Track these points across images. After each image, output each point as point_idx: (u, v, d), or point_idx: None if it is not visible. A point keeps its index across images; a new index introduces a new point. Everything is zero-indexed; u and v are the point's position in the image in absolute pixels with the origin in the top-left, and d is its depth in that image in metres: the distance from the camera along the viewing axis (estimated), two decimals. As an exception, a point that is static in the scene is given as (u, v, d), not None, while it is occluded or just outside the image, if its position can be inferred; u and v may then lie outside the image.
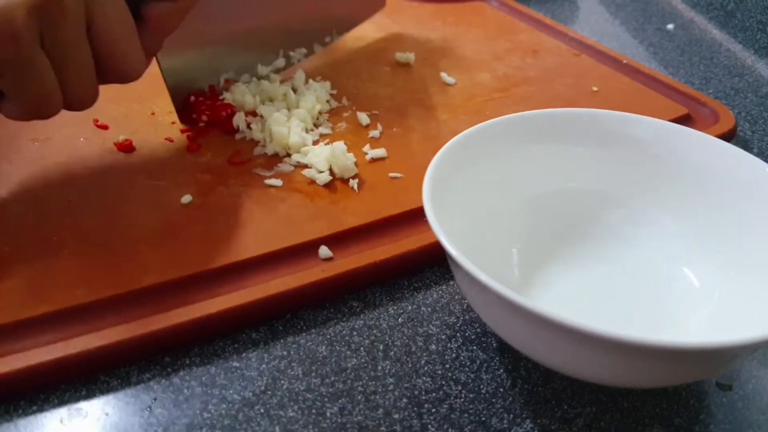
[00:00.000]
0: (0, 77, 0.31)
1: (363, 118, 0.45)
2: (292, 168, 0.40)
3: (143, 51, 0.36)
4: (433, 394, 0.28)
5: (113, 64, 0.34)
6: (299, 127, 0.42)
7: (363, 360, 0.30)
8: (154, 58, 0.40)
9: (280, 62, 0.50)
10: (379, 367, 0.29)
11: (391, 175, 0.40)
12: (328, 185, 0.39)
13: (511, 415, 0.27)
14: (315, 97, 0.46)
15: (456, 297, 0.33)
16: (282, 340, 0.31)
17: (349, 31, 0.57)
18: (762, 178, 0.30)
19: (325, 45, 0.54)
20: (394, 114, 0.47)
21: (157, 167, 0.40)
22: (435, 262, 0.35)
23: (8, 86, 0.32)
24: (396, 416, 0.27)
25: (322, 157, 0.40)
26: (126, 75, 0.35)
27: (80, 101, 0.35)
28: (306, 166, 0.40)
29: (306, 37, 0.52)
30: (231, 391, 0.28)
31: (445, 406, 0.28)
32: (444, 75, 0.52)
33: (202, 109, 0.44)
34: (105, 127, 0.44)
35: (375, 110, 0.47)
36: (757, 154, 0.37)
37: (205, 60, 0.46)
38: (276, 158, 0.41)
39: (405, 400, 0.28)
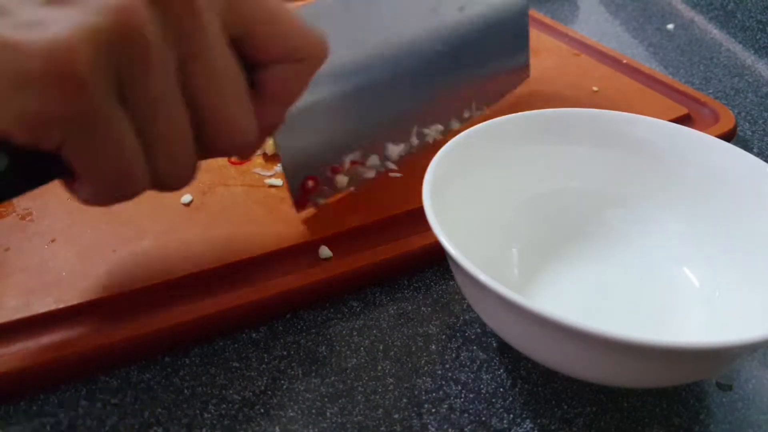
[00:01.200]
0: (63, 144, 0.22)
1: None
2: None
3: (257, 123, 0.27)
4: (433, 394, 0.28)
5: (218, 131, 0.25)
6: None
7: (363, 360, 0.30)
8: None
9: (413, 141, 0.42)
10: (379, 367, 0.29)
11: (391, 174, 0.40)
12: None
13: (511, 415, 0.27)
14: None
15: (456, 297, 0.33)
16: (282, 340, 0.31)
17: (491, 105, 0.49)
18: (762, 179, 0.30)
19: (463, 121, 0.46)
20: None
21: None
22: (435, 262, 0.35)
23: (75, 156, 0.23)
24: (396, 416, 0.27)
25: None
26: (234, 146, 0.27)
27: (173, 176, 0.26)
28: None
29: (444, 113, 0.45)
30: (231, 391, 0.28)
31: (445, 406, 0.28)
32: None
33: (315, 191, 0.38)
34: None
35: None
36: (757, 154, 0.37)
37: (328, 138, 0.38)
38: (276, 158, 0.41)
39: (405, 400, 0.28)
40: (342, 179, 0.38)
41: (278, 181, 0.39)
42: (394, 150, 0.41)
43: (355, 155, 0.39)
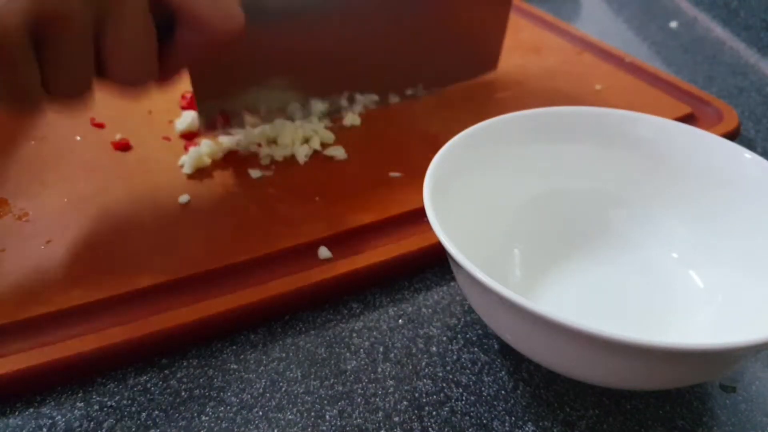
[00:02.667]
0: None
1: (353, 119, 0.45)
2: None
3: (157, 66, 0.33)
4: (434, 397, 0.28)
5: (121, 70, 0.31)
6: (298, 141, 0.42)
7: (363, 362, 0.29)
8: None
9: (342, 103, 0.42)
10: (379, 370, 0.29)
11: (391, 174, 0.39)
12: (326, 183, 0.38)
13: (513, 418, 0.27)
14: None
15: (457, 298, 0.33)
16: (281, 342, 0.30)
17: (441, 89, 0.47)
18: (766, 178, 0.30)
19: (405, 98, 0.45)
20: (394, 113, 0.46)
21: (154, 166, 0.40)
22: (436, 263, 0.35)
23: None
24: (396, 419, 0.27)
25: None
26: (135, 82, 0.33)
27: (72, 100, 0.32)
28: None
29: (383, 84, 0.43)
30: (229, 394, 0.28)
31: (446, 408, 0.27)
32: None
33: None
34: (101, 126, 0.44)
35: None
36: (761, 154, 0.36)
37: (245, 73, 0.40)
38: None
39: (405, 402, 0.27)
40: (253, 120, 0.40)
41: (270, 172, 0.39)
42: (318, 106, 0.41)
43: (276, 104, 0.41)
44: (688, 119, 0.46)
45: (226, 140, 0.42)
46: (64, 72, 0.30)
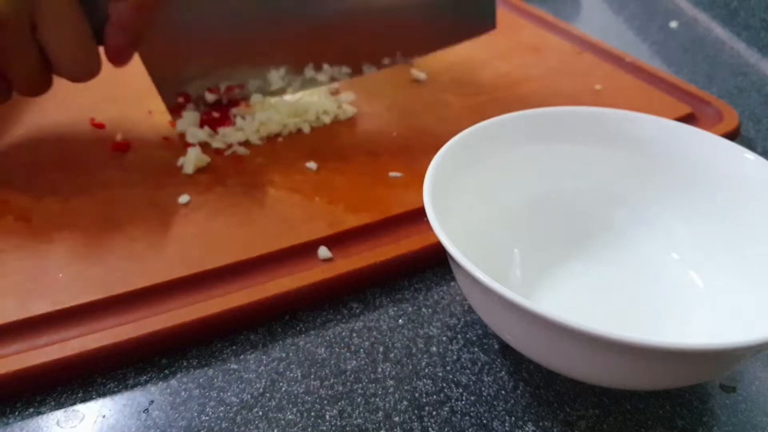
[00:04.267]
0: None
1: (349, 109, 0.45)
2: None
3: (96, 50, 0.36)
4: (434, 397, 0.28)
5: (60, 64, 0.35)
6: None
7: (363, 362, 0.29)
8: (139, 56, 0.39)
9: (308, 74, 0.39)
10: (379, 369, 0.29)
11: (391, 174, 0.39)
12: (326, 183, 0.38)
13: (513, 418, 0.27)
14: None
15: (457, 298, 0.33)
16: (280, 342, 0.30)
17: (421, 56, 0.42)
18: (767, 179, 0.30)
19: (381, 67, 0.40)
20: (393, 113, 0.46)
21: (154, 166, 0.40)
22: (436, 263, 0.35)
23: None
24: (396, 419, 0.27)
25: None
26: (76, 74, 0.36)
27: (29, 91, 0.37)
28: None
29: (354, 52, 0.38)
30: (229, 394, 0.28)
31: (446, 408, 0.27)
32: (414, 73, 0.51)
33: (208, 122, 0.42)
34: (101, 126, 0.44)
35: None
36: (761, 154, 0.36)
37: (201, 58, 0.40)
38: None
39: (405, 402, 0.27)
40: (210, 96, 0.41)
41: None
42: (275, 76, 0.38)
43: (232, 80, 0.40)
44: (688, 119, 0.46)
45: (217, 141, 0.42)
46: (15, 71, 0.35)
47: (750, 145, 0.47)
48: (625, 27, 0.68)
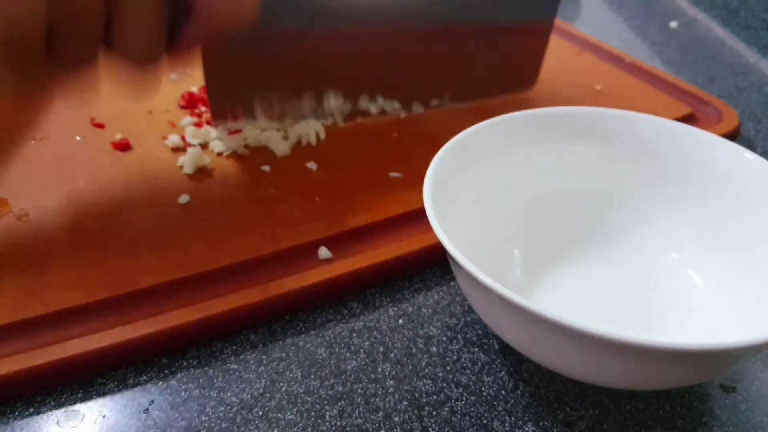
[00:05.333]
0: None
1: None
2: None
3: (164, 42, 0.33)
4: (434, 397, 0.28)
5: (125, 37, 0.31)
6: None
7: (363, 362, 0.29)
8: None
9: (362, 105, 0.40)
10: (379, 370, 0.29)
11: (391, 174, 0.39)
12: (326, 183, 0.38)
13: (513, 418, 0.27)
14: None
15: (457, 298, 0.33)
16: (281, 342, 0.30)
17: (465, 102, 0.44)
18: (766, 178, 0.30)
19: (427, 108, 0.43)
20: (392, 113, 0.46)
21: (154, 166, 0.40)
22: (436, 263, 0.35)
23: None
24: (396, 419, 0.27)
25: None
26: (137, 56, 0.32)
27: (76, 65, 0.32)
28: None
29: (408, 92, 0.41)
30: (229, 394, 0.28)
31: (446, 408, 0.27)
32: None
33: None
34: (101, 126, 0.44)
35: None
36: (761, 154, 0.36)
37: (266, 75, 0.39)
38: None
39: (405, 402, 0.27)
40: (261, 112, 0.40)
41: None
42: (334, 103, 0.39)
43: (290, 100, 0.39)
44: (688, 119, 0.46)
45: (218, 145, 0.42)
46: (73, 38, 0.30)
47: (750, 145, 0.47)
48: (625, 27, 0.68)
